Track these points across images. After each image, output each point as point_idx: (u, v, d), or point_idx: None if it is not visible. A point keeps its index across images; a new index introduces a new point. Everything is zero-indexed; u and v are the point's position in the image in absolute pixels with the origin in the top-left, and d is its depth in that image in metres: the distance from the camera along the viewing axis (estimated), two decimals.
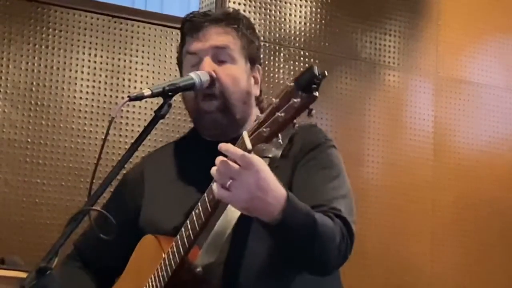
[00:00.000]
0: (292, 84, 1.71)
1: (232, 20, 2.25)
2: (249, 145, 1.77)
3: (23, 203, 3.97)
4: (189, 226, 1.97)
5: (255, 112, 2.26)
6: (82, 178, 4.06)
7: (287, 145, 2.09)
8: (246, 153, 1.77)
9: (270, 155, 2.06)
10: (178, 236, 2.00)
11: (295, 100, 1.69)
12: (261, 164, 1.80)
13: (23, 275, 3.26)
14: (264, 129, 1.74)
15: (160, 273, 2.05)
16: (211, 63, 2.19)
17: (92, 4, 4.25)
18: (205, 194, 1.92)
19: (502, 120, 5.09)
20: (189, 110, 2.25)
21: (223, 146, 1.79)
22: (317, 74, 1.68)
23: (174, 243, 2.01)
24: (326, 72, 1.69)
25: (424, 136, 4.89)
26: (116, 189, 2.38)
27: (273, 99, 1.74)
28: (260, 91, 2.29)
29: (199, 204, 1.94)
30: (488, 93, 5.08)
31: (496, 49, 5.13)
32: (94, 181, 1.96)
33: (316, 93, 1.68)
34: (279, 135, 1.74)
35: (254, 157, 1.78)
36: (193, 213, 1.96)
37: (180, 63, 2.31)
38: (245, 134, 1.79)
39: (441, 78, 4.98)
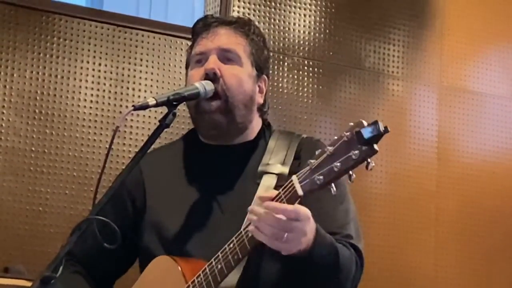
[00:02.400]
0: (349, 134, 1.68)
1: (243, 25, 2.26)
2: (300, 191, 1.76)
3: (27, 211, 3.97)
4: (222, 261, 1.95)
5: (256, 122, 2.27)
6: (86, 187, 4.05)
7: (294, 162, 2.10)
8: (296, 208, 1.77)
9: (276, 172, 2.07)
10: (207, 268, 1.98)
11: (354, 152, 1.66)
12: (307, 211, 1.82)
13: (27, 284, 3.26)
14: (318, 177, 1.72)
15: None
16: (217, 60, 2.19)
17: (96, 13, 4.26)
18: (242, 231, 1.91)
19: (506, 130, 5.09)
20: (189, 108, 2.24)
21: (270, 205, 1.78)
22: (382, 131, 1.65)
23: (202, 274, 2.00)
24: (388, 128, 1.66)
25: (427, 145, 4.88)
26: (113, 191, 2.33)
27: (328, 147, 1.71)
28: (264, 102, 2.29)
29: (234, 239, 1.93)
30: (492, 103, 5.08)
31: (500, 59, 5.13)
32: (98, 190, 1.96)
33: (377, 148, 1.66)
34: (333, 184, 1.72)
35: (302, 208, 1.80)
36: (227, 247, 1.94)
37: (187, 66, 2.29)
38: (294, 179, 1.77)
39: (445, 88, 4.98)
